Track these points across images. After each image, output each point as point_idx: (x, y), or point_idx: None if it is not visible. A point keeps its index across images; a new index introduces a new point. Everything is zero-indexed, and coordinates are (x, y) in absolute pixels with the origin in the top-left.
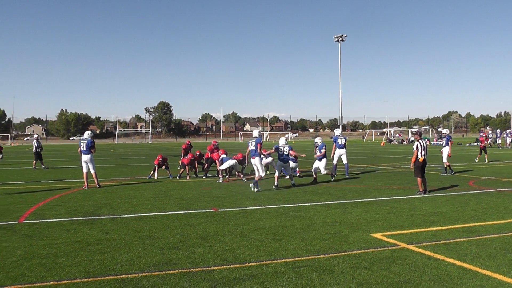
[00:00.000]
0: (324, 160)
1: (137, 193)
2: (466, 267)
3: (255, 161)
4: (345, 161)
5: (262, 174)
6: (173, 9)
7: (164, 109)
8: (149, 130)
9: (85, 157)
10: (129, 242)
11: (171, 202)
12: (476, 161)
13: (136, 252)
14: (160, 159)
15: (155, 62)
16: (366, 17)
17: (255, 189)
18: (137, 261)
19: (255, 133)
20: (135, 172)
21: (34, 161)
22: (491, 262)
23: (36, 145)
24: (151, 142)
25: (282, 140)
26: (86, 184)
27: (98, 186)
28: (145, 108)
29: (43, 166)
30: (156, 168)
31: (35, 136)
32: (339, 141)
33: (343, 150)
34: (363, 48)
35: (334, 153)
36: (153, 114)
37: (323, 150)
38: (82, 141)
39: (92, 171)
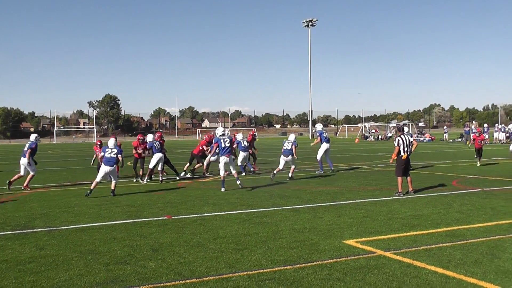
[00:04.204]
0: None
1: (78, 200)
2: (449, 274)
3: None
4: (327, 157)
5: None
6: None
7: (110, 103)
8: (94, 128)
9: (23, 160)
10: (68, 258)
11: (119, 210)
12: (478, 165)
13: (77, 269)
14: None
15: (100, 50)
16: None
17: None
18: (77, 280)
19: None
20: (77, 176)
21: None
22: (477, 268)
23: None
24: (95, 141)
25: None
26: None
27: (25, 188)
28: (88, 102)
29: None
30: None
31: None
32: (325, 134)
33: (329, 145)
34: (336, 35)
35: (320, 147)
36: (98, 109)
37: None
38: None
39: (31, 174)
